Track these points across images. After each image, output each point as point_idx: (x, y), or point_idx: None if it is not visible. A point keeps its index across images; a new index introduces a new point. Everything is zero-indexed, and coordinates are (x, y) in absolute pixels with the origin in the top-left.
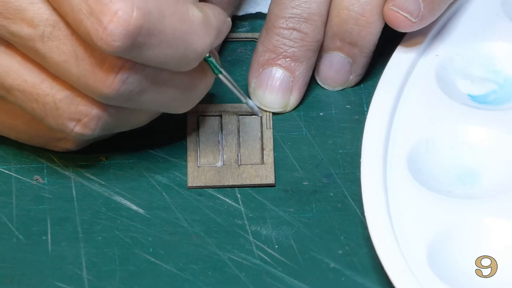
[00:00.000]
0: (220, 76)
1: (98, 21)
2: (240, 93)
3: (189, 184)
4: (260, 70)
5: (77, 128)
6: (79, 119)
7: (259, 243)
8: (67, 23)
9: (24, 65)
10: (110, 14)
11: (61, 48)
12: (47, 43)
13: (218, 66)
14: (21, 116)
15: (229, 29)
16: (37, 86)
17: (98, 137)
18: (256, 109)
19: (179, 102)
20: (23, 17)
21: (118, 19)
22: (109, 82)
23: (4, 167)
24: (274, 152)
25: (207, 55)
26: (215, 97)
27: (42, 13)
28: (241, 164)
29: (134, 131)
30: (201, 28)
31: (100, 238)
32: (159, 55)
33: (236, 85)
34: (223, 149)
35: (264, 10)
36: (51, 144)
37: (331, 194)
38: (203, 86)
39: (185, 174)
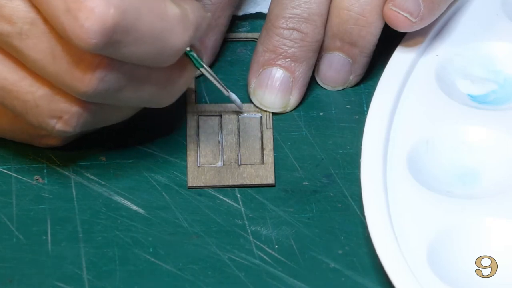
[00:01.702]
0: (202, 70)
1: (74, 18)
2: (223, 87)
3: (189, 184)
4: (260, 70)
5: (58, 126)
6: (60, 116)
7: (259, 243)
8: (45, 21)
9: (4, 62)
10: (86, 11)
11: (39, 46)
12: (24, 40)
13: (199, 60)
14: (5, 113)
15: (208, 25)
16: (17, 83)
17: (82, 132)
18: (239, 102)
19: (159, 97)
20: (1, 13)
21: (94, 16)
22: (86, 80)
23: (4, 167)
24: (274, 152)
25: (188, 49)
26: (215, 97)
27: (20, 10)
28: (241, 164)
29: (134, 131)
30: (179, 24)
31: (100, 238)
32: (137, 52)
33: (218, 79)
34: (223, 149)
35: (264, 10)
36: (36, 141)
37: (331, 194)
38: (184, 81)
39: (185, 174)
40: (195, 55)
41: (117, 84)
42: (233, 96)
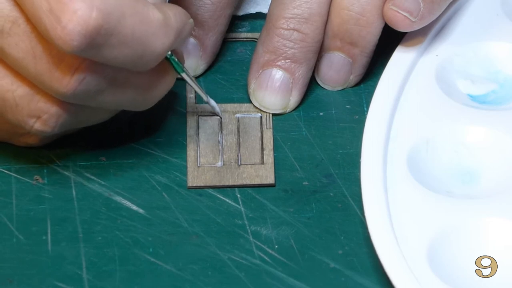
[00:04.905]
0: (183, 74)
1: (57, 20)
2: (202, 92)
3: (189, 184)
4: (260, 71)
5: (37, 125)
6: (39, 116)
7: (259, 243)
8: (28, 20)
9: None
10: (69, 13)
11: (20, 45)
12: (6, 38)
13: (180, 65)
14: None
15: (191, 30)
16: None
17: (62, 132)
18: (218, 109)
19: (139, 101)
20: None
21: (77, 18)
22: (65, 82)
23: (4, 167)
24: (274, 152)
25: (169, 53)
26: (215, 98)
27: (3, 8)
28: (241, 164)
29: (134, 131)
30: (161, 29)
31: (100, 238)
32: (118, 56)
33: (197, 84)
34: (223, 149)
35: (264, 10)
36: (15, 139)
37: (331, 194)
38: (164, 85)
39: (185, 174)
40: (176, 60)
41: (96, 87)
42: (212, 103)
